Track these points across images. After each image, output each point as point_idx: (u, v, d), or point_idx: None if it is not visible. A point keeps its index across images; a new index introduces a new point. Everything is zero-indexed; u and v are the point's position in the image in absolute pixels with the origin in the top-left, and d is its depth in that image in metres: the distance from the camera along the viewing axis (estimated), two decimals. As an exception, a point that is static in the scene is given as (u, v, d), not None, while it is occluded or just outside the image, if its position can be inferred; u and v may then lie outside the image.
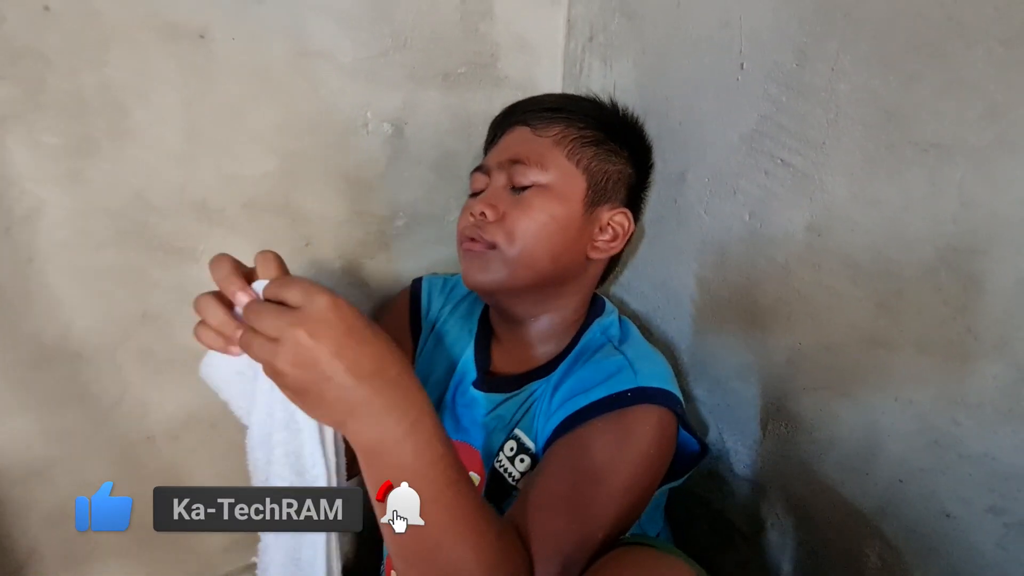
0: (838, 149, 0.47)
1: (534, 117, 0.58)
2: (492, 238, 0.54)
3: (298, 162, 0.63)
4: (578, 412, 0.48)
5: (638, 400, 0.48)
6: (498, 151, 0.59)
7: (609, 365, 0.51)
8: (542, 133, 0.57)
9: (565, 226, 0.55)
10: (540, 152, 0.56)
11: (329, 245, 0.68)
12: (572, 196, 0.56)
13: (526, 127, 0.58)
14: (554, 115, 0.58)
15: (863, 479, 0.49)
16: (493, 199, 0.56)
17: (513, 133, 0.60)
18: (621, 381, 0.49)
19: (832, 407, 0.50)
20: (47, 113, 0.50)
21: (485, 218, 0.55)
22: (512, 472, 0.53)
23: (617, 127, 0.61)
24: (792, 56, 0.50)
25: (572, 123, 0.58)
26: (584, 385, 0.50)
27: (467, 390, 0.60)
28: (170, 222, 0.58)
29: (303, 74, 0.61)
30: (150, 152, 0.55)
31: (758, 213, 0.54)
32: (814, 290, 0.50)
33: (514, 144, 0.58)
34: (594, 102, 0.62)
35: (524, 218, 0.54)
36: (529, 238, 0.54)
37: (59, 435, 0.58)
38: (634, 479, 0.46)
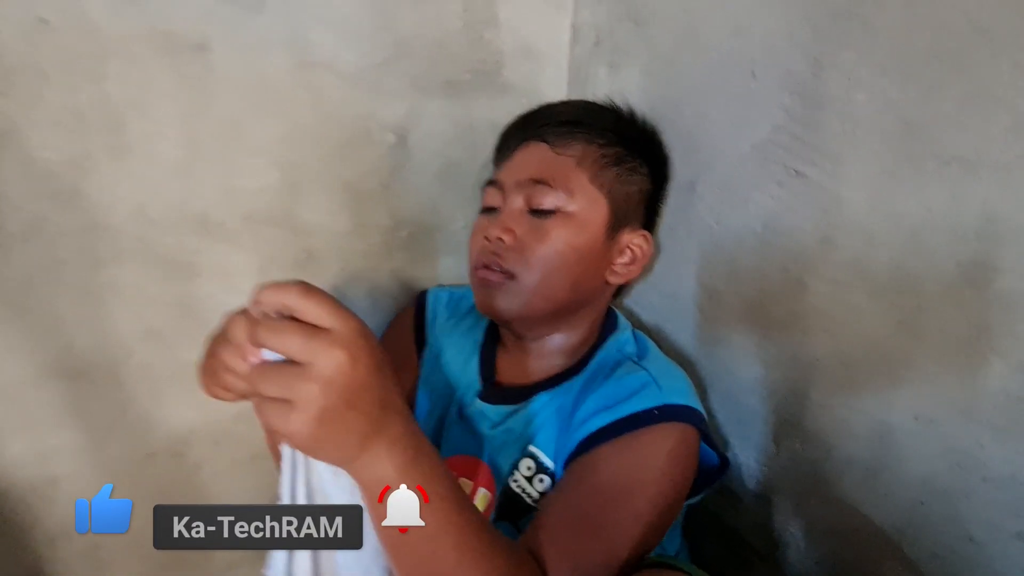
0: (855, 160, 0.46)
1: (552, 132, 0.55)
2: (510, 267, 0.52)
3: (300, 174, 0.62)
4: (602, 430, 0.47)
5: (665, 418, 0.47)
6: (514, 168, 0.56)
7: (632, 381, 0.50)
8: (561, 151, 0.54)
9: (586, 255, 0.53)
10: (564, 174, 0.53)
11: (332, 257, 0.67)
12: (594, 223, 0.53)
13: (543, 143, 0.55)
14: (573, 130, 0.55)
15: (882, 499, 0.47)
16: (511, 223, 0.53)
17: (529, 148, 0.56)
18: (647, 398, 0.48)
19: (850, 425, 0.49)
20: (44, 128, 0.49)
21: (502, 243, 0.53)
22: (531, 492, 0.52)
23: (637, 140, 0.58)
24: (807, 65, 0.48)
25: (592, 139, 0.55)
26: (607, 402, 0.49)
27: (473, 402, 0.59)
28: (170, 237, 0.57)
29: (304, 85, 0.60)
30: (149, 166, 0.54)
31: (771, 224, 0.53)
32: (830, 304, 0.49)
33: (532, 162, 0.55)
34: (613, 112, 0.60)
35: (544, 248, 0.52)
36: (549, 269, 0.52)
37: (61, 453, 0.57)
38: (660, 498, 0.45)
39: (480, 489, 0.57)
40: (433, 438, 0.61)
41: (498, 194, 0.56)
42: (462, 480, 0.58)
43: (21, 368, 0.53)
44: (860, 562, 0.50)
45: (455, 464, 0.58)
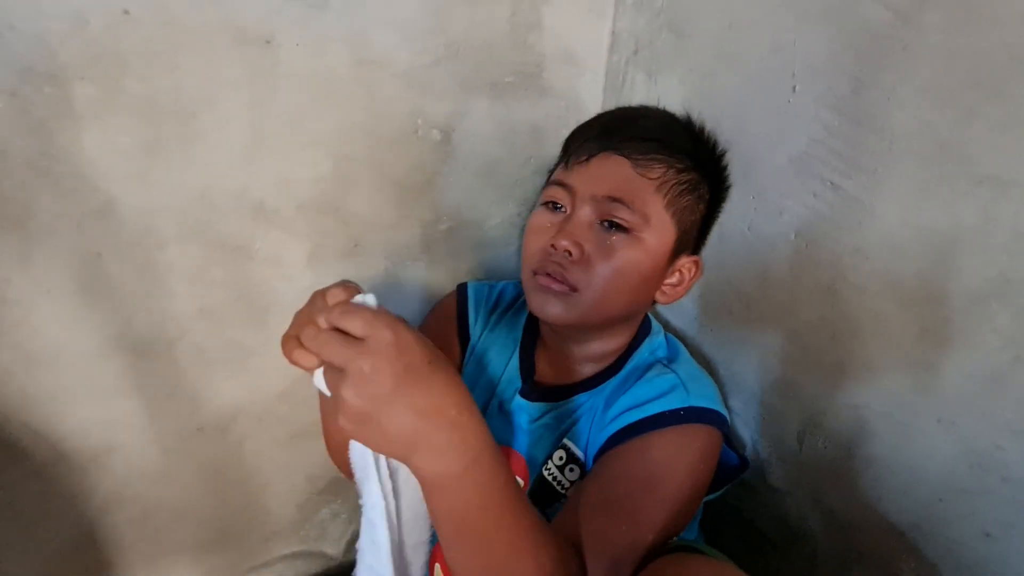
0: (890, 176, 0.49)
1: (635, 149, 0.53)
2: (574, 281, 0.52)
3: (351, 166, 0.65)
4: (632, 425, 0.50)
5: (690, 419, 0.50)
6: (592, 178, 0.54)
7: (662, 383, 0.53)
8: (644, 172, 0.53)
9: (646, 279, 0.54)
10: (643, 197, 0.52)
11: (376, 248, 0.70)
12: (660, 250, 0.54)
13: (625, 159, 0.53)
14: (657, 151, 0.53)
15: (901, 496, 0.50)
16: (580, 236, 0.52)
17: (610, 162, 0.54)
18: (674, 399, 0.51)
19: (873, 425, 0.52)
20: (121, 114, 0.52)
21: (568, 256, 0.52)
22: (562, 481, 0.55)
23: (709, 165, 0.58)
24: (847, 83, 0.51)
25: (672, 164, 0.54)
26: (637, 401, 0.52)
27: (513, 398, 0.61)
28: (229, 222, 0.60)
29: (361, 81, 0.62)
30: (215, 154, 0.57)
31: (804, 233, 0.56)
32: (858, 311, 0.52)
33: (613, 177, 0.53)
34: (690, 132, 0.59)
35: (610, 268, 0.52)
36: (610, 289, 0.52)
37: (118, 424, 0.60)
38: (682, 490, 0.48)
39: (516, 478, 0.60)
40: None
41: (567, 196, 0.55)
42: None
43: (87, 340, 0.56)
44: (876, 554, 0.53)
45: None
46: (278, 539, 0.73)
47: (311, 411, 0.68)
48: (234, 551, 0.72)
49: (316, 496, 0.77)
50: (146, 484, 0.63)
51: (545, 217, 0.56)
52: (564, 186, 0.55)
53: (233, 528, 0.70)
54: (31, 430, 0.56)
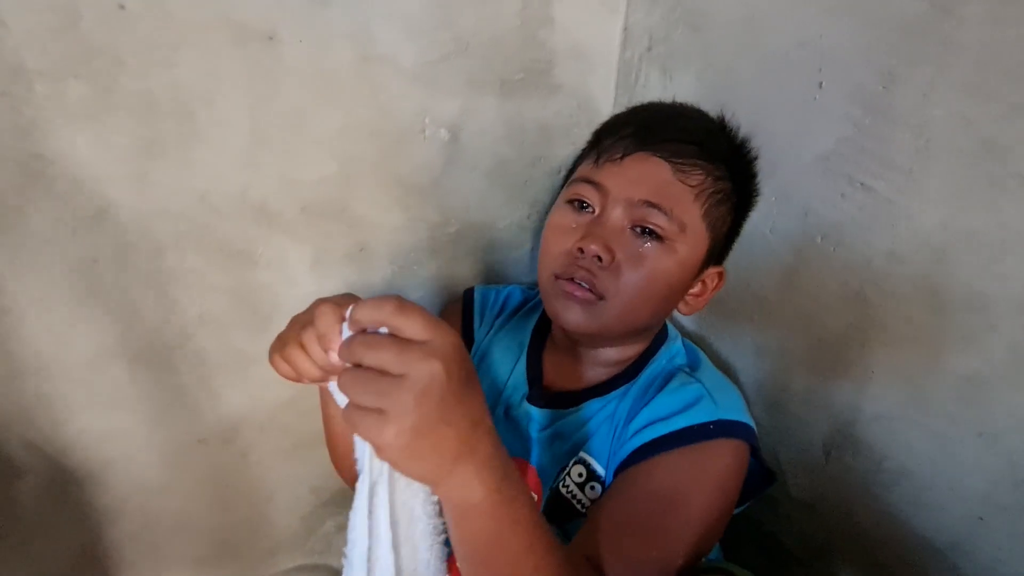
0: (928, 176, 0.46)
1: (676, 152, 0.50)
2: (602, 289, 0.49)
3: (356, 167, 0.62)
4: (657, 440, 0.48)
5: (719, 433, 0.48)
6: (627, 180, 0.50)
7: (687, 394, 0.51)
8: (684, 179, 0.50)
9: (674, 290, 0.52)
10: (682, 206, 0.49)
11: (382, 251, 0.67)
12: (692, 261, 0.51)
13: (665, 163, 0.50)
14: (696, 155, 0.50)
15: (937, 513, 0.48)
16: (612, 241, 0.49)
17: (647, 163, 0.50)
18: (702, 412, 0.49)
19: (906, 437, 0.49)
20: (118, 114, 0.50)
21: (598, 262, 0.49)
22: (581, 499, 0.53)
23: (743, 174, 0.55)
24: (878, 79, 0.48)
25: (711, 171, 0.51)
26: (662, 414, 0.49)
27: (520, 404, 0.59)
28: (230, 225, 0.57)
29: (365, 78, 0.60)
30: (215, 155, 0.55)
31: (831, 236, 0.53)
32: (892, 318, 0.49)
33: (650, 180, 0.50)
34: (727, 136, 0.55)
35: (640, 278, 0.49)
36: (638, 300, 0.50)
37: (114, 436, 0.57)
38: (712, 510, 0.45)
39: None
40: None
41: (596, 195, 0.51)
42: None
43: (82, 349, 0.54)
44: (908, 573, 0.51)
45: None
46: (282, 552, 0.71)
47: (315, 421, 0.66)
48: (237, 565, 0.69)
49: (321, 508, 0.75)
50: (146, 497, 0.61)
51: (569, 216, 0.53)
52: (594, 184, 0.52)
53: (236, 542, 0.68)
54: (25, 443, 0.54)
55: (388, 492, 0.34)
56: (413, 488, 0.35)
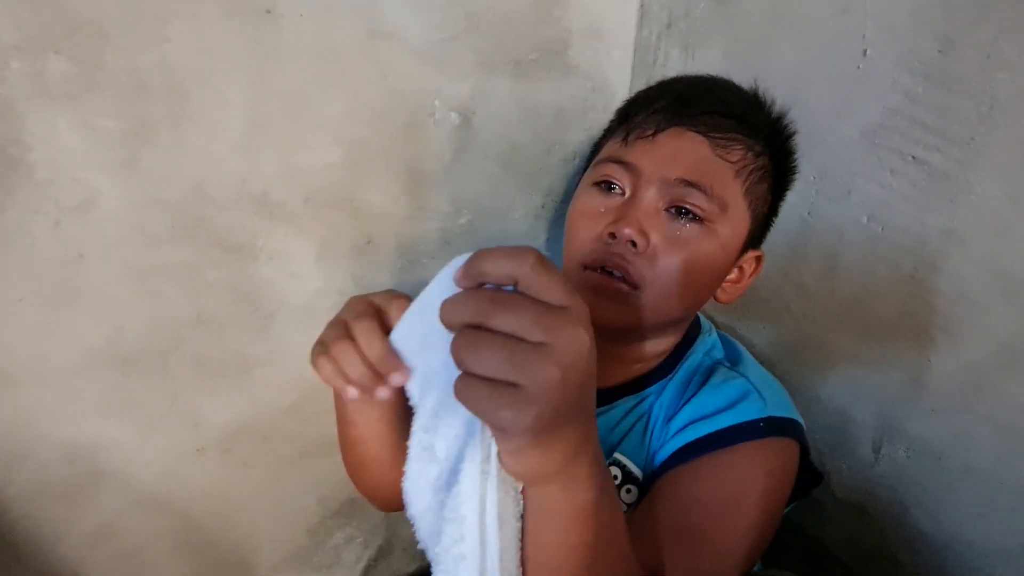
0: (991, 146, 0.42)
1: (714, 127, 0.46)
2: (637, 277, 0.45)
3: (363, 153, 0.58)
4: (703, 439, 0.44)
5: (770, 432, 0.44)
6: (662, 157, 0.46)
7: (732, 390, 0.47)
8: (724, 155, 0.46)
9: (715, 275, 0.48)
10: (724, 183, 0.45)
11: (391, 243, 0.63)
12: (733, 243, 0.47)
13: (703, 138, 0.46)
14: (736, 129, 0.47)
15: (1008, 514, 0.44)
16: (647, 224, 0.45)
17: (683, 138, 0.46)
18: (749, 410, 0.45)
19: (969, 431, 0.45)
20: (104, 93, 0.45)
21: (633, 248, 0.45)
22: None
23: (781, 149, 0.51)
24: (933, 42, 0.45)
25: (751, 146, 0.47)
26: (706, 411, 0.45)
27: None
28: (229, 216, 0.53)
29: (371, 57, 0.56)
30: (210, 139, 0.50)
31: (879, 216, 0.50)
32: (951, 302, 0.45)
33: (687, 157, 0.46)
34: (765, 109, 0.51)
35: (678, 263, 0.45)
36: (676, 288, 0.45)
37: (104, 448, 0.53)
38: (765, 514, 0.42)
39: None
40: None
41: (627, 176, 0.47)
42: None
43: (67, 354, 0.49)
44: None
45: None
46: (288, 568, 0.67)
47: (321, 426, 0.62)
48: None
49: (329, 519, 0.70)
50: (139, 513, 0.56)
51: (597, 200, 0.48)
52: (623, 164, 0.47)
53: (237, 558, 0.64)
54: (6, 456, 0.49)
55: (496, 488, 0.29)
56: (507, 485, 0.30)
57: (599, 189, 0.49)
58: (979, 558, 0.46)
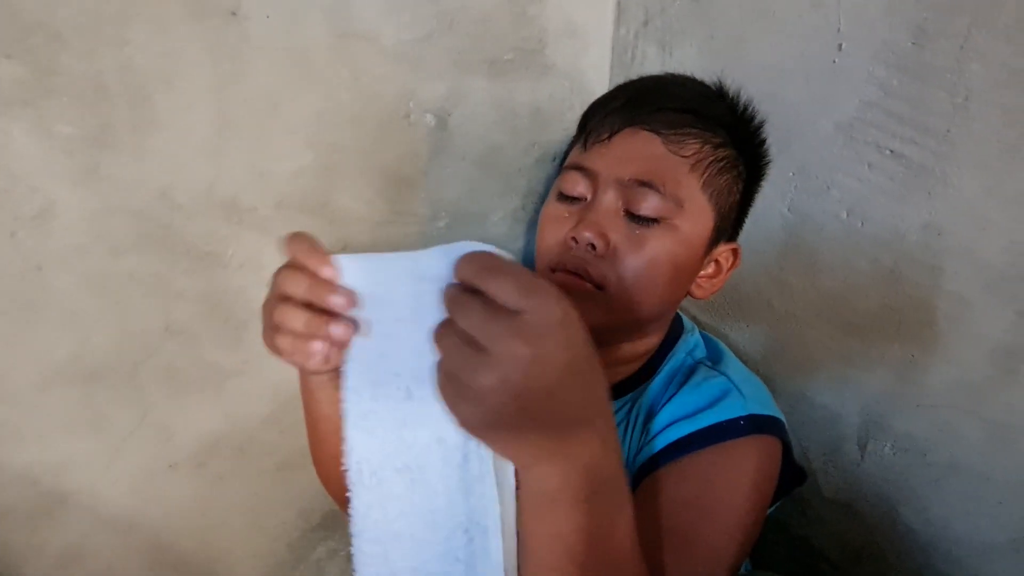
0: (967, 138, 0.42)
1: (666, 123, 0.46)
2: (600, 278, 0.45)
3: (336, 157, 0.57)
4: (684, 439, 0.43)
5: (751, 430, 0.43)
6: (615, 158, 0.46)
7: (712, 388, 0.46)
8: (677, 150, 0.45)
9: (682, 271, 0.47)
10: (676, 179, 0.45)
11: (366, 248, 0.60)
12: (698, 238, 0.47)
13: (655, 135, 0.46)
14: (691, 123, 0.46)
15: (996, 509, 0.43)
16: (606, 226, 0.45)
17: (635, 137, 0.46)
18: (730, 408, 0.44)
19: (955, 426, 0.45)
20: (60, 99, 0.44)
21: (593, 250, 0.45)
22: None
23: (747, 139, 0.50)
24: (907, 34, 0.44)
25: (708, 139, 0.47)
26: (687, 410, 0.45)
27: None
28: (197, 223, 0.51)
29: (343, 58, 0.55)
30: (176, 144, 0.49)
31: (858, 210, 0.49)
32: (932, 296, 0.45)
33: (639, 157, 0.46)
34: (725, 101, 0.51)
35: (641, 262, 0.45)
36: (642, 285, 0.45)
37: (70, 467, 0.51)
38: (750, 514, 0.41)
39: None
40: None
41: (585, 182, 0.47)
42: None
43: (28, 370, 0.47)
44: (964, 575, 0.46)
45: None
46: (268, 585, 0.65)
47: (300, 437, 0.59)
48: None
49: (310, 533, 0.68)
50: (109, 534, 0.54)
51: (561, 206, 0.49)
52: (582, 169, 0.48)
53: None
54: (-34, 479, 0.47)
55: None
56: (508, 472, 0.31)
57: (562, 196, 0.49)
58: (967, 554, 0.46)
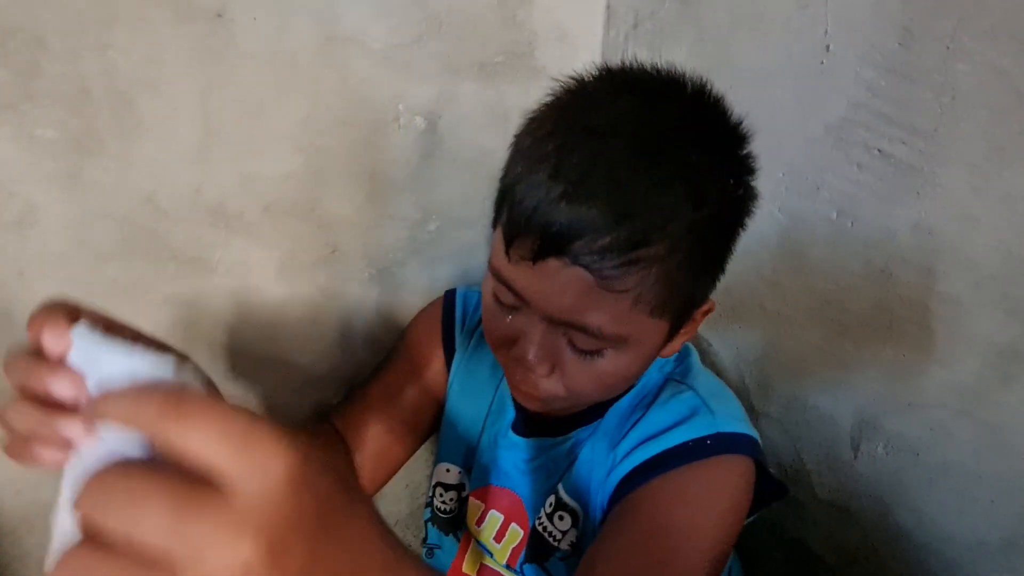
0: (955, 137, 0.42)
1: (599, 253, 0.35)
2: (550, 392, 0.41)
3: (324, 161, 0.56)
4: (650, 461, 0.42)
5: (720, 449, 0.42)
6: (544, 293, 0.37)
7: (680, 406, 0.45)
8: (613, 286, 0.36)
9: (641, 368, 0.43)
10: (617, 317, 0.37)
11: (357, 253, 0.61)
12: (651, 345, 0.41)
13: (586, 272, 0.35)
14: (632, 244, 0.35)
15: (988, 508, 0.43)
16: (546, 354, 0.39)
17: (564, 274, 0.36)
18: (698, 426, 0.43)
19: (947, 426, 0.45)
20: (42, 103, 0.43)
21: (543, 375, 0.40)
22: (552, 531, 0.48)
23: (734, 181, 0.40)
24: (894, 36, 0.44)
25: (653, 255, 0.36)
26: (653, 430, 0.44)
27: (507, 432, 0.53)
28: (182, 229, 0.51)
29: (330, 61, 0.54)
30: (161, 149, 0.48)
31: (849, 210, 0.49)
32: (923, 296, 0.45)
33: (569, 297, 0.36)
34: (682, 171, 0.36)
35: (594, 384, 0.41)
36: (597, 393, 0.43)
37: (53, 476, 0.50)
38: (723, 536, 0.41)
39: (512, 524, 0.52)
40: (465, 462, 0.56)
41: (517, 299, 0.39)
42: (493, 512, 0.53)
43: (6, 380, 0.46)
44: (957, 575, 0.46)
45: (488, 495, 0.54)
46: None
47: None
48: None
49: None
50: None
51: (497, 307, 0.42)
52: (510, 288, 0.39)
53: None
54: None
55: None
56: None
57: (499, 305, 0.41)
58: (961, 553, 0.46)
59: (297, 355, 0.60)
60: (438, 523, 0.58)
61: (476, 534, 0.54)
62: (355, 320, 0.63)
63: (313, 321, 0.60)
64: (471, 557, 0.55)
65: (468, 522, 0.55)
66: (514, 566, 0.52)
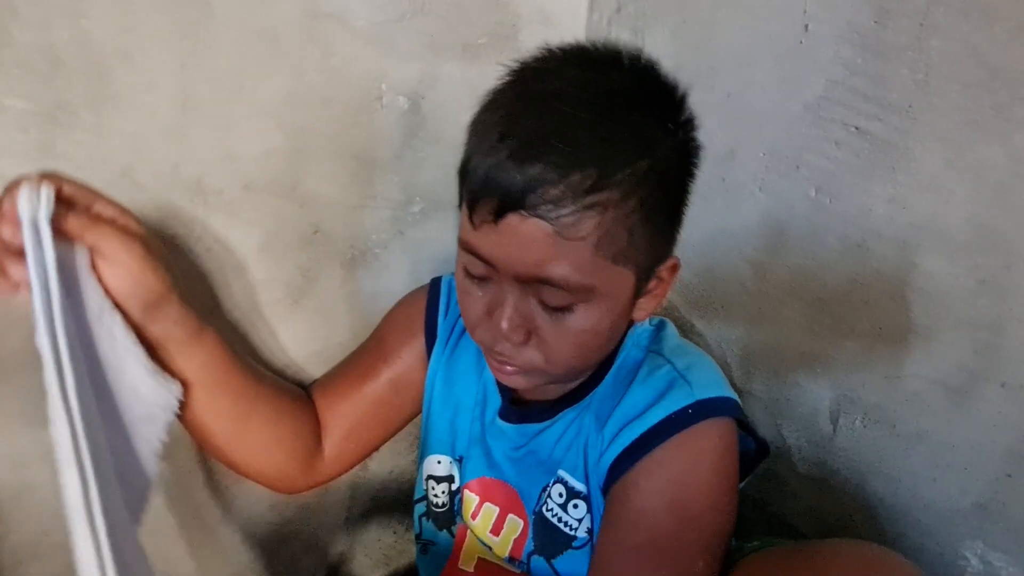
0: (929, 112, 0.43)
1: (554, 201, 0.36)
2: (528, 362, 0.42)
3: (306, 139, 0.56)
4: (636, 442, 0.43)
5: (700, 416, 0.43)
6: (507, 250, 0.39)
7: (658, 381, 0.45)
8: (572, 234, 0.37)
9: (614, 324, 0.43)
10: (580, 265, 0.38)
11: (339, 233, 0.61)
12: (621, 298, 0.42)
13: (544, 223, 0.37)
14: (584, 191, 0.37)
15: (961, 475, 0.45)
16: (521, 319, 0.40)
17: (525, 226, 0.37)
18: (677, 398, 0.43)
19: (921, 396, 0.46)
20: (12, 72, 0.42)
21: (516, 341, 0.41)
22: (568, 520, 0.48)
23: (676, 137, 0.41)
24: (870, 14, 0.45)
25: (608, 200, 0.37)
26: (636, 410, 0.44)
27: (494, 420, 0.53)
28: (160, 206, 0.50)
29: (313, 38, 0.54)
30: (138, 123, 0.47)
31: (827, 188, 0.50)
32: (898, 269, 0.46)
33: (532, 251, 0.38)
34: (643, 104, 0.39)
35: (568, 343, 0.41)
36: (575, 357, 0.43)
37: (26, 459, 0.49)
38: (719, 499, 0.41)
39: (509, 515, 0.52)
40: (454, 453, 0.56)
41: (485, 267, 0.41)
42: (487, 505, 0.53)
43: (-18, 357, 0.45)
44: (933, 542, 0.47)
45: (481, 486, 0.53)
46: (241, 581, 0.63)
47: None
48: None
49: (284, 527, 0.67)
50: (70, 529, 0.52)
51: (469, 283, 0.43)
52: (477, 255, 0.41)
53: (184, 573, 0.60)
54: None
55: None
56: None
57: (467, 272, 0.43)
58: (936, 519, 0.47)
59: (278, 336, 0.59)
60: (433, 518, 0.57)
61: (472, 528, 0.54)
62: (337, 301, 0.63)
63: (295, 302, 0.59)
64: (467, 552, 0.55)
65: (464, 516, 0.54)
66: (519, 557, 0.51)
